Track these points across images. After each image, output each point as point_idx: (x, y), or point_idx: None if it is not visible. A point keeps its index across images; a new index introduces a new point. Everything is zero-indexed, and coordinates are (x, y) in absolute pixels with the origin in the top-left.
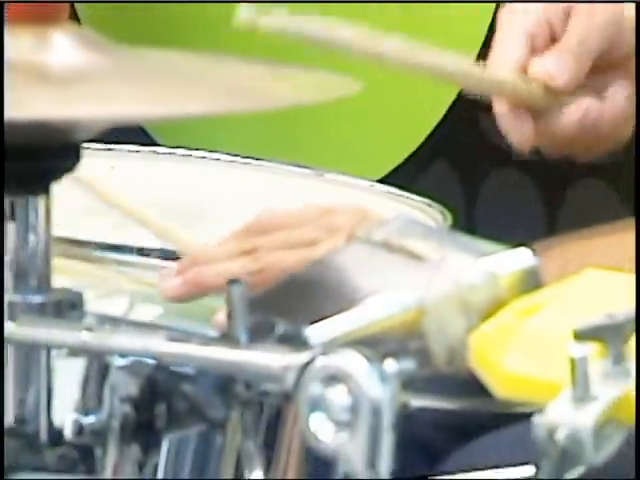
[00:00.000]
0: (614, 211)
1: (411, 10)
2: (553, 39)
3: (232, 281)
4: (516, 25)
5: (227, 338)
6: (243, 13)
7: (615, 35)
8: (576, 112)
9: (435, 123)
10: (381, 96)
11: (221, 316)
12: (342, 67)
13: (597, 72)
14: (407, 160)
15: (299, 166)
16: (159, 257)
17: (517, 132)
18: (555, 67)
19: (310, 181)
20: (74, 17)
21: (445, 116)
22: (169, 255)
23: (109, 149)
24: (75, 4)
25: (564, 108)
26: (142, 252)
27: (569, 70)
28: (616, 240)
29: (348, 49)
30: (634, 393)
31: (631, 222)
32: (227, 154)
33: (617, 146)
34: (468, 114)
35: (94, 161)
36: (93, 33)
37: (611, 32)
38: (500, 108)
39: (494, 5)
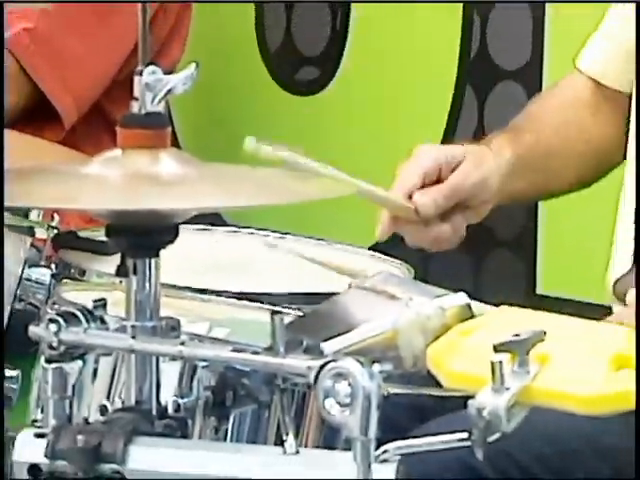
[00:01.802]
0: (516, 271)
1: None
2: (438, 179)
3: (274, 312)
4: (419, 162)
5: (271, 349)
6: (247, 144)
7: (477, 193)
8: (434, 231)
9: None
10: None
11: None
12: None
13: (456, 208)
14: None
15: (317, 238)
16: (228, 297)
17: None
18: (427, 202)
19: (324, 248)
20: (175, 144)
21: None
22: (235, 296)
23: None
24: (176, 135)
25: (428, 228)
26: (217, 293)
27: (436, 207)
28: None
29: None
30: (533, 386)
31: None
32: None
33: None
34: None
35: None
36: (186, 154)
37: (475, 191)
38: (384, 215)
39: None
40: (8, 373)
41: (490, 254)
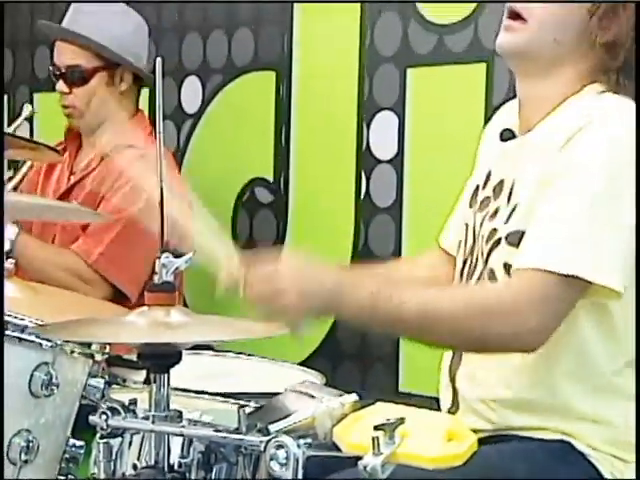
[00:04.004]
0: (385, 375)
1: None
2: None
3: (240, 406)
4: None
5: (238, 430)
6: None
7: None
8: None
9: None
10: None
11: None
12: None
13: None
14: (309, 357)
15: (268, 358)
16: (212, 395)
17: None
18: None
19: (268, 364)
20: (184, 303)
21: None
22: (216, 395)
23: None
24: (185, 297)
25: None
26: (205, 393)
27: None
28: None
29: None
30: (398, 451)
31: None
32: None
33: None
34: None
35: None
36: (187, 309)
37: None
38: None
39: None
40: (77, 443)
41: (371, 366)
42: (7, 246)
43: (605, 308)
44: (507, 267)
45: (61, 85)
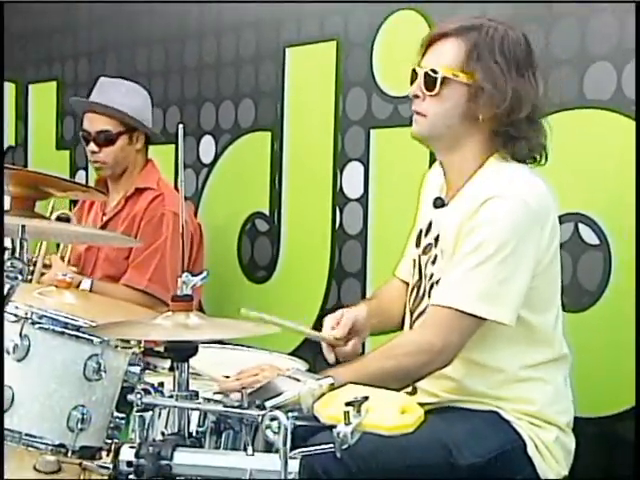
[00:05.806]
0: None
1: None
2: (339, 323)
3: (243, 388)
4: (329, 319)
5: (240, 405)
6: (242, 312)
7: (357, 325)
8: (345, 349)
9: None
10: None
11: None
12: None
13: (352, 334)
14: (296, 348)
15: (262, 349)
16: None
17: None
18: (338, 332)
19: (264, 354)
20: (200, 309)
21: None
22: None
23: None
24: (201, 304)
25: (343, 348)
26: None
27: (342, 333)
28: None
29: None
30: (363, 422)
31: None
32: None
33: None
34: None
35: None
36: (202, 314)
37: (356, 324)
38: (324, 346)
39: None
40: (120, 415)
41: None
42: (87, 286)
43: (523, 323)
44: None
45: (92, 146)
